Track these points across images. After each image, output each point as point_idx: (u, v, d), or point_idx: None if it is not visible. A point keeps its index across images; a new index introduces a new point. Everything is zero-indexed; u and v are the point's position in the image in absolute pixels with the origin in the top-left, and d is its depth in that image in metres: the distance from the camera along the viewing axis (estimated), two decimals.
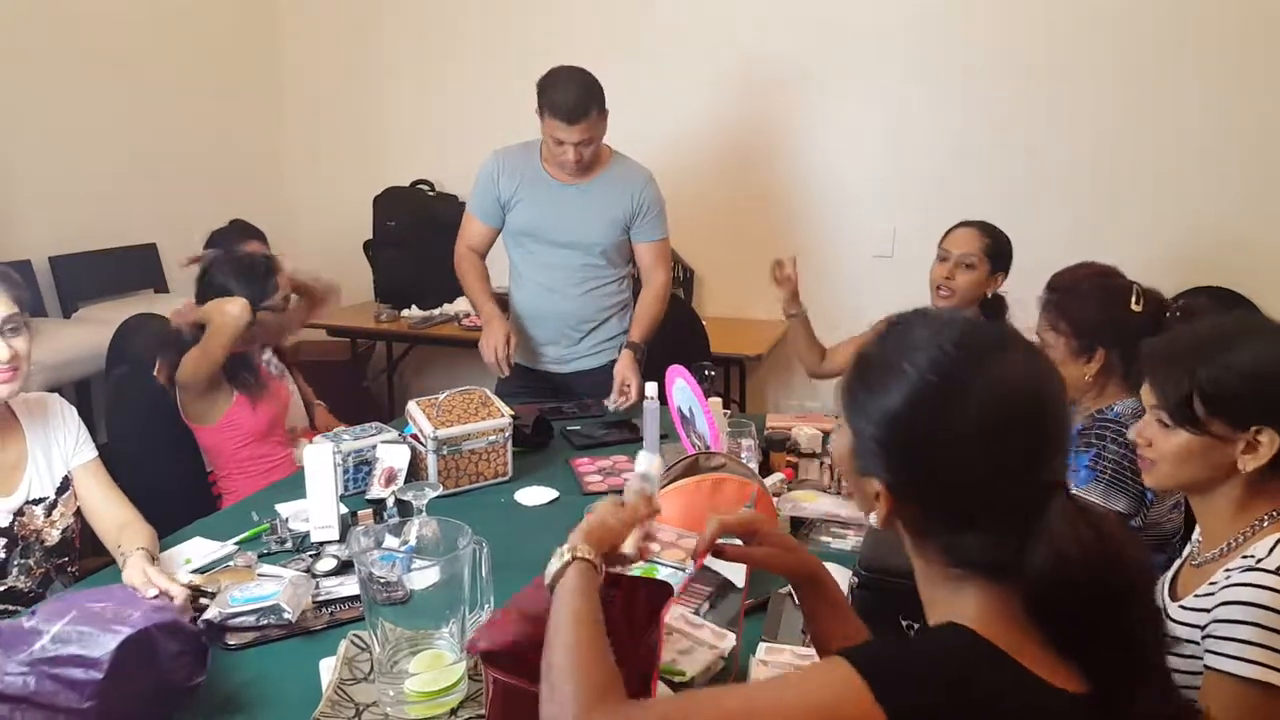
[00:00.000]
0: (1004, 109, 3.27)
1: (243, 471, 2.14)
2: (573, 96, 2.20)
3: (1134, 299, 1.65)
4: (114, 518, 1.60)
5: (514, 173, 2.40)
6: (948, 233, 2.28)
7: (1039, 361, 0.80)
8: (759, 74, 3.51)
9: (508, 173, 2.40)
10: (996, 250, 2.21)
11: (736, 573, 1.39)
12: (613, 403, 2.34)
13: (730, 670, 1.21)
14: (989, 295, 2.24)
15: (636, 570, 1.03)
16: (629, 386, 2.32)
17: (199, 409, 2.11)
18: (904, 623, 1.15)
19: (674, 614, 1.25)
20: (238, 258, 2.18)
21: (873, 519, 0.82)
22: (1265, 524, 1.11)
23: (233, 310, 2.01)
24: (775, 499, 1.65)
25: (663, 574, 1.14)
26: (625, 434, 2.19)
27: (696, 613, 1.33)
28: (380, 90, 4.03)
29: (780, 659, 1.21)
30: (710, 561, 1.28)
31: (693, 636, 1.24)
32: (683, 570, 1.15)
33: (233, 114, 3.95)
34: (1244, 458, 1.10)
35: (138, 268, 3.52)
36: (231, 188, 3.80)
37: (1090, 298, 1.70)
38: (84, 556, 1.68)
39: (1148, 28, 3.07)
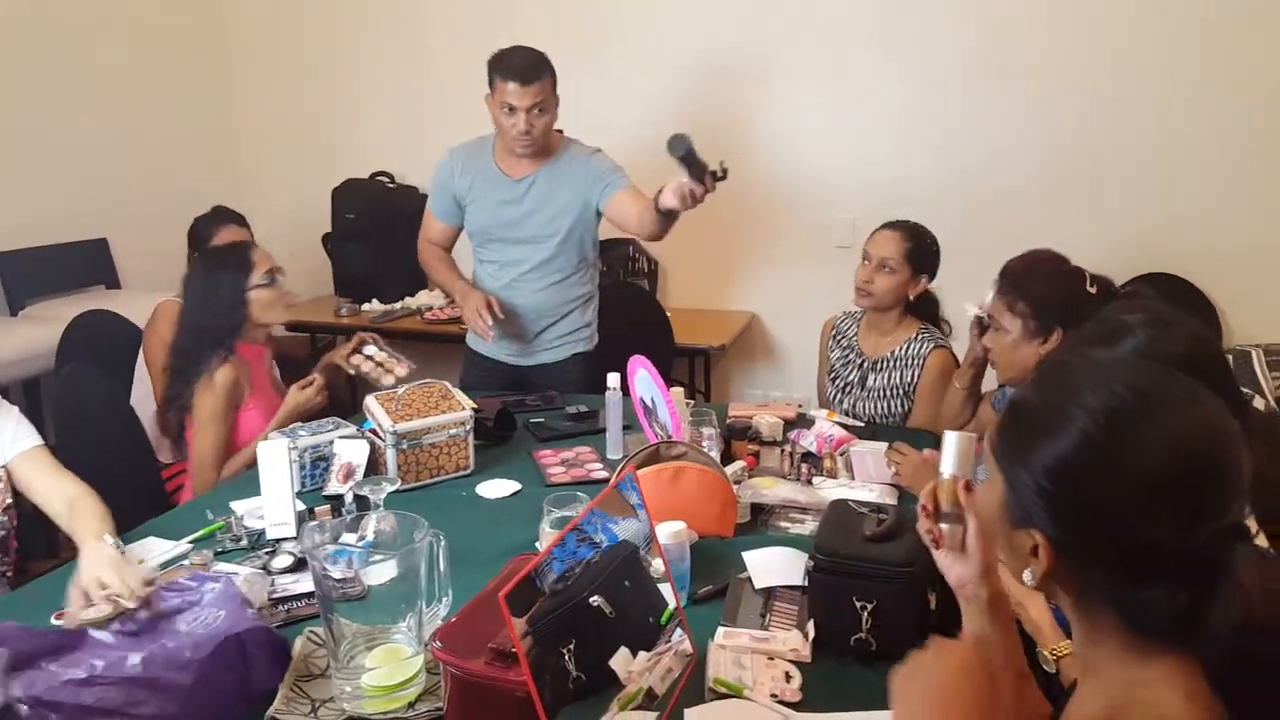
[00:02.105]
0: (959, 97, 3.30)
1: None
2: (528, 59, 2.23)
3: (1088, 282, 1.69)
4: (61, 495, 1.55)
5: (468, 170, 2.38)
6: (872, 234, 2.24)
7: (1210, 400, 0.76)
8: (721, 66, 3.51)
9: (462, 170, 2.38)
10: (919, 253, 2.18)
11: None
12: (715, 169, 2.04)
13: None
14: (912, 297, 2.23)
15: None
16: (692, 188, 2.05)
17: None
18: (857, 604, 1.17)
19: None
20: (211, 250, 2.18)
21: (1027, 577, 0.78)
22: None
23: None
24: (736, 486, 1.66)
25: None
26: (588, 425, 2.18)
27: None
28: (336, 80, 3.97)
29: (738, 642, 1.22)
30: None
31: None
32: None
33: (185, 106, 3.86)
34: None
35: (88, 263, 3.44)
36: (184, 181, 3.73)
37: (1048, 280, 1.73)
38: (28, 559, 1.63)
39: (1107, 25, 3.12)
